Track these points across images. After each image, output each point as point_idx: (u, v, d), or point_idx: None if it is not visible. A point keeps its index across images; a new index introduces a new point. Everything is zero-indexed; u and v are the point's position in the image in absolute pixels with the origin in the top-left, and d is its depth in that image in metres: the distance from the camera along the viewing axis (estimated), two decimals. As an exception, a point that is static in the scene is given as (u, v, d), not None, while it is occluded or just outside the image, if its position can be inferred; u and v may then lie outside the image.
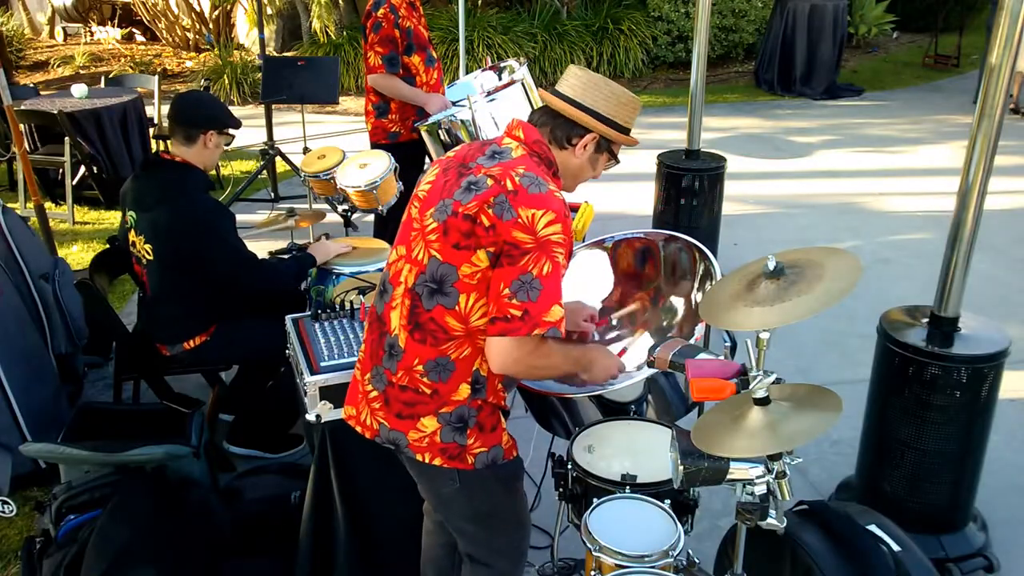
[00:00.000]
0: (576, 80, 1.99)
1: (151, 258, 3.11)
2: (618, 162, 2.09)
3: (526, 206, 1.82)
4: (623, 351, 2.62)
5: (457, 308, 1.88)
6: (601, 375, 2.11)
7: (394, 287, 2.00)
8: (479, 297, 1.87)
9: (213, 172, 3.94)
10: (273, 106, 6.64)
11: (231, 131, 3.21)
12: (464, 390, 1.96)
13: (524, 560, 2.26)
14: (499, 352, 1.85)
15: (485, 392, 1.98)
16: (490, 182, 1.85)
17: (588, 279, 2.87)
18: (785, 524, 1.78)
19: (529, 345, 1.84)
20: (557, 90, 2.01)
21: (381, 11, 4.15)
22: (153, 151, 6.52)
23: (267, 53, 7.28)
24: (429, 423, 1.97)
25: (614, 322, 2.72)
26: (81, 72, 10.59)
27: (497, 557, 2.18)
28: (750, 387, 1.72)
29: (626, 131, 2.01)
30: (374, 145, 4.37)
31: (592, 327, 2.44)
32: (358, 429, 2.09)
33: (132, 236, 3.18)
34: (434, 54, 4.43)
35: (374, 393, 2.03)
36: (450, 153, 2.07)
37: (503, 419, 2.07)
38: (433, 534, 2.39)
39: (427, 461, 1.99)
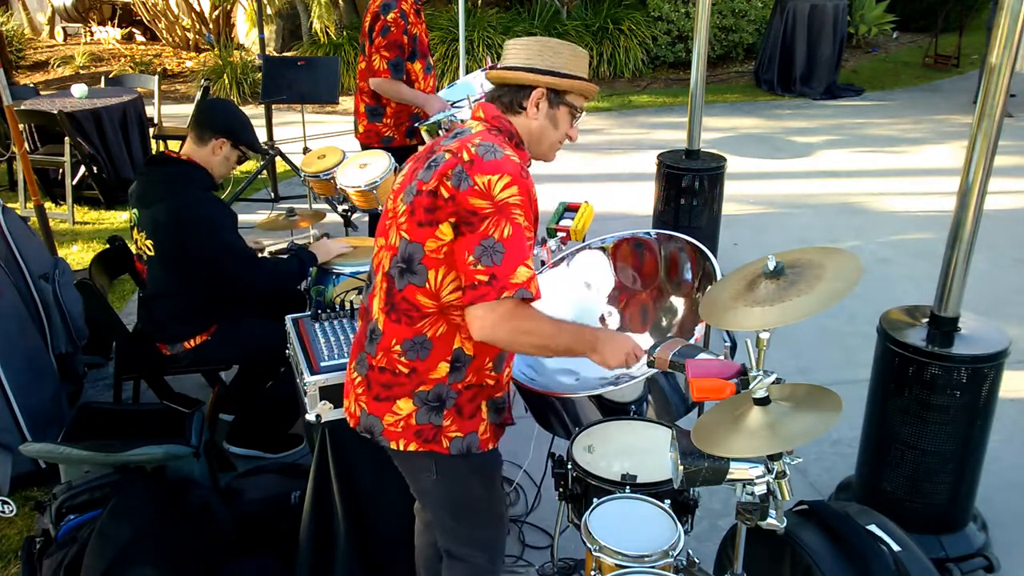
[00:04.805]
0: (510, 50, 2.01)
1: (152, 254, 3.11)
2: (582, 113, 2.06)
3: (482, 173, 1.82)
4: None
5: (427, 285, 1.90)
6: (613, 357, 2.00)
7: (375, 275, 2.04)
8: (448, 271, 1.88)
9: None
10: (273, 106, 6.64)
11: (244, 149, 3.22)
12: (443, 368, 1.96)
13: (502, 556, 2.27)
14: (474, 320, 1.83)
15: (465, 372, 1.98)
16: (448, 156, 1.88)
17: (588, 279, 2.87)
18: (785, 524, 1.78)
19: (503, 308, 1.81)
20: (497, 65, 2.04)
21: (391, 15, 4.14)
22: (153, 151, 6.53)
23: (267, 53, 7.28)
24: (405, 405, 1.98)
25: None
26: (81, 72, 10.58)
27: (474, 552, 2.19)
28: (750, 387, 1.72)
29: (573, 78, 1.98)
30: (365, 148, 4.36)
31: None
32: (349, 420, 2.11)
33: (135, 233, 3.18)
34: (431, 61, 4.44)
35: (358, 379, 2.06)
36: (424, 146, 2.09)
37: (486, 411, 2.04)
38: (423, 534, 2.39)
39: (402, 448, 2.00)
